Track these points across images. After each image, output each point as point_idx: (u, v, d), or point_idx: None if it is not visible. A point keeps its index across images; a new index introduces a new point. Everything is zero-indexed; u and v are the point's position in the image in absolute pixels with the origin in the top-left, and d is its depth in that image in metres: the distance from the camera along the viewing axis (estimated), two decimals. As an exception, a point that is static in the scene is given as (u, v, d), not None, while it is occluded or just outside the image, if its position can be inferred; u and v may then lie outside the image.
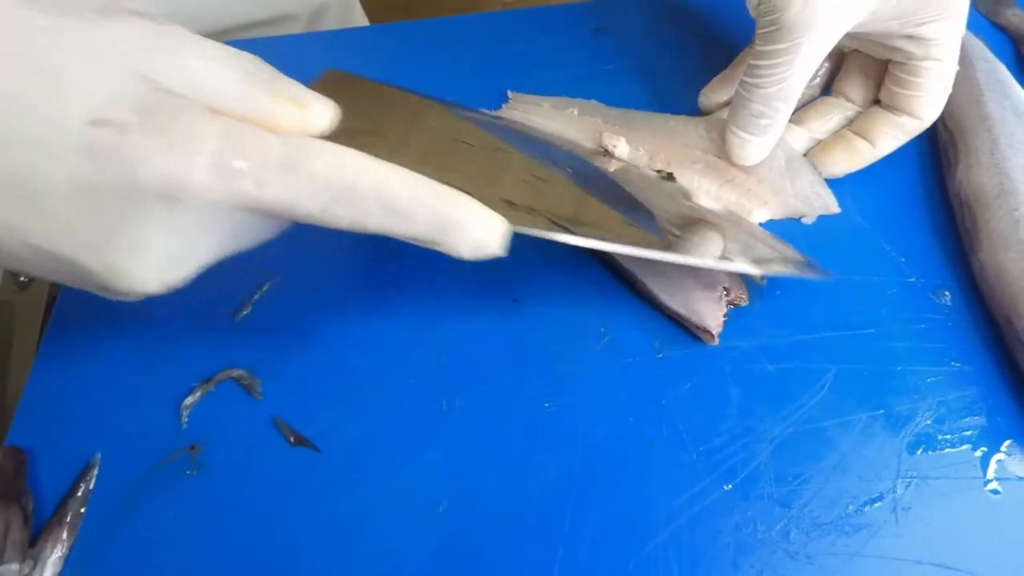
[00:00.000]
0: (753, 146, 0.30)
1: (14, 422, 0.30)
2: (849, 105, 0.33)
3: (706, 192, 0.31)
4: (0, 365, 0.34)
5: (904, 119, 0.31)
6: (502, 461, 0.26)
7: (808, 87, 0.33)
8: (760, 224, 0.31)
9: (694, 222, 0.28)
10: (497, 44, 0.40)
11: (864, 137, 0.32)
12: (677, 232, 0.26)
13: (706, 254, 0.25)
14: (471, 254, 0.21)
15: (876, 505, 0.24)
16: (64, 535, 0.27)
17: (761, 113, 0.29)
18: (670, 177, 0.32)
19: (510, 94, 0.37)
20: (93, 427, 0.30)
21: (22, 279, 0.38)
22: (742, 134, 0.30)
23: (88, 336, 0.32)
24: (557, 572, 0.24)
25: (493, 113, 0.34)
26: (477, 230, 0.21)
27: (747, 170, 0.32)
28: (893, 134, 0.31)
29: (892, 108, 0.31)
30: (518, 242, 0.32)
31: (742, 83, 0.29)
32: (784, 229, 0.31)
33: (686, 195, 0.31)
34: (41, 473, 0.29)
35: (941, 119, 0.33)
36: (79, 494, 0.28)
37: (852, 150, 0.32)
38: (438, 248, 0.21)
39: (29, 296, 0.35)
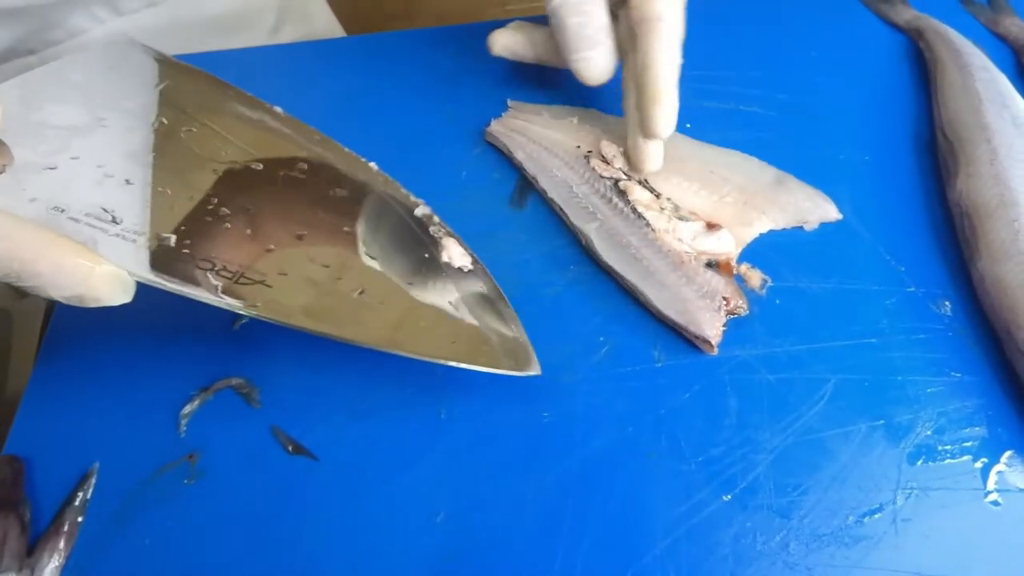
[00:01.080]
0: (595, 60, 0.31)
1: (12, 431, 0.30)
2: None
3: (702, 209, 0.31)
4: (-1, 373, 0.34)
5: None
6: (500, 471, 0.26)
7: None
8: (762, 234, 0.31)
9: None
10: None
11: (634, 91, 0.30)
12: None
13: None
14: (69, 302, 0.21)
15: (876, 516, 0.24)
16: (61, 544, 0.27)
17: (581, 24, 0.30)
18: (646, 186, 0.32)
19: (510, 103, 0.37)
20: (91, 435, 0.29)
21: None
22: (579, 54, 0.31)
23: (87, 344, 0.32)
24: (555, 583, 0.24)
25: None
26: (67, 281, 0.21)
27: (740, 186, 0.32)
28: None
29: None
30: (519, 251, 0.32)
31: (550, 11, 0.31)
32: (787, 238, 0.31)
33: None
34: (39, 482, 0.29)
35: (940, 129, 0.33)
36: (77, 503, 0.28)
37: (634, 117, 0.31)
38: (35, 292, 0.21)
39: (27, 304, 0.35)
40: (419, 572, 0.25)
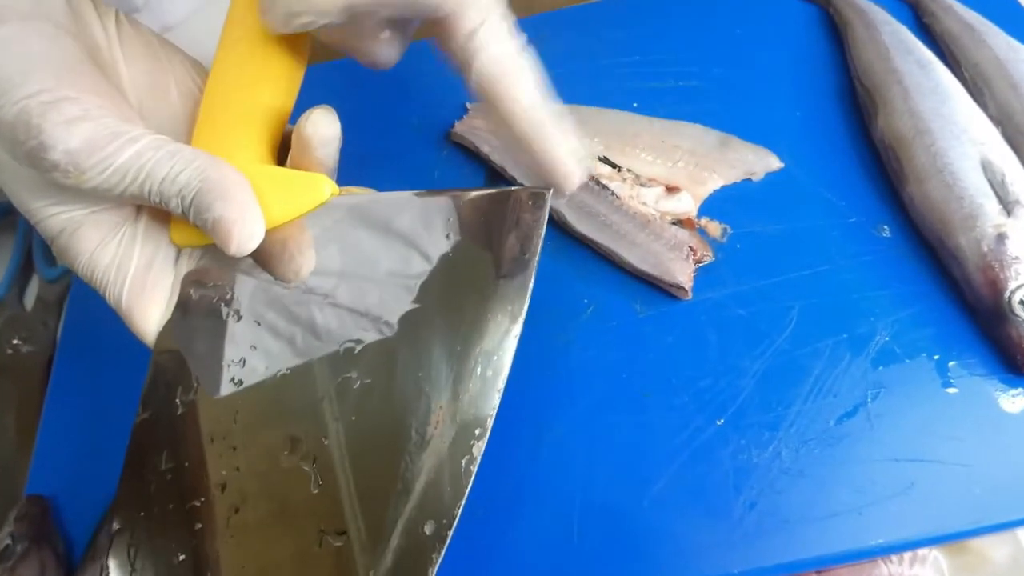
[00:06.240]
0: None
1: (31, 473, 0.31)
2: None
3: (659, 175, 0.34)
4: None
5: None
6: (515, 423, 0.28)
7: None
8: (716, 190, 0.34)
9: None
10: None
11: None
12: None
13: None
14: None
15: (852, 418, 0.27)
16: (99, 569, 0.28)
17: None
18: (607, 161, 0.35)
19: (468, 106, 0.40)
20: (112, 467, 0.30)
21: (14, 341, 0.38)
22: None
23: (93, 376, 0.33)
24: (577, 517, 0.26)
25: None
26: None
27: (690, 151, 0.35)
28: None
29: None
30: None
31: None
32: (738, 190, 0.34)
33: None
34: (67, 516, 0.30)
35: (857, 77, 0.37)
36: (107, 530, 0.29)
37: None
38: None
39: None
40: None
